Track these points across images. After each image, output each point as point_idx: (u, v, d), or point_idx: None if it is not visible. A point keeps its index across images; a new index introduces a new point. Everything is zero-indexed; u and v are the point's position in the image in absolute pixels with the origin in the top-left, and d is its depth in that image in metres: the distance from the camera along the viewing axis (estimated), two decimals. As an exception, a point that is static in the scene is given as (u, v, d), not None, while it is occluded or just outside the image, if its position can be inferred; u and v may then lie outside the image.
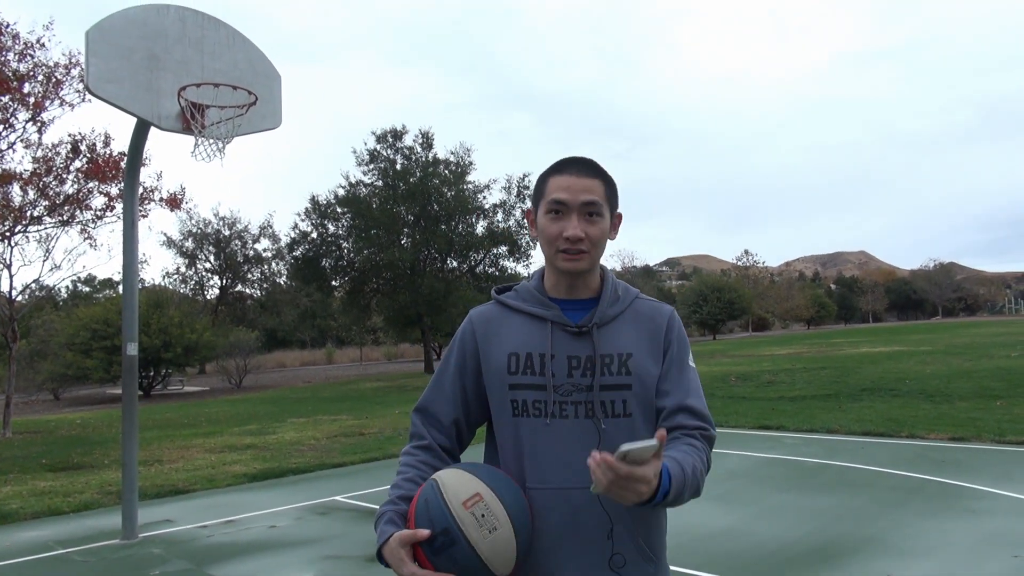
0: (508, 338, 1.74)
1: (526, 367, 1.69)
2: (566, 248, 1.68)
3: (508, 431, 1.71)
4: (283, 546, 6.08)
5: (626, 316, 1.76)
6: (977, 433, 9.79)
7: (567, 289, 1.76)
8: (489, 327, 1.77)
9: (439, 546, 1.51)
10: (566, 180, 1.69)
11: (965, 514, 6.05)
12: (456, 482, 1.57)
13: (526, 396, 1.68)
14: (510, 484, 1.61)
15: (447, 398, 1.78)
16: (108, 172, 12.46)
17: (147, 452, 11.39)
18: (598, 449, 1.52)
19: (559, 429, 1.66)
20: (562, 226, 1.68)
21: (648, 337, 1.75)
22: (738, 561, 5.17)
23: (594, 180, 1.71)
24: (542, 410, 1.67)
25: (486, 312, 1.81)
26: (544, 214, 1.72)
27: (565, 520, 1.62)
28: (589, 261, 1.71)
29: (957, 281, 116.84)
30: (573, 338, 1.71)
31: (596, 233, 1.70)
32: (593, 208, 1.68)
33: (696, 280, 75.68)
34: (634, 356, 1.70)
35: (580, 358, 1.69)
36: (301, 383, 29.98)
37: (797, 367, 22.18)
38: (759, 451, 9.46)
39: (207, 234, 42.56)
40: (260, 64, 6.50)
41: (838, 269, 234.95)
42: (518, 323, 1.75)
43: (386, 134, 30.19)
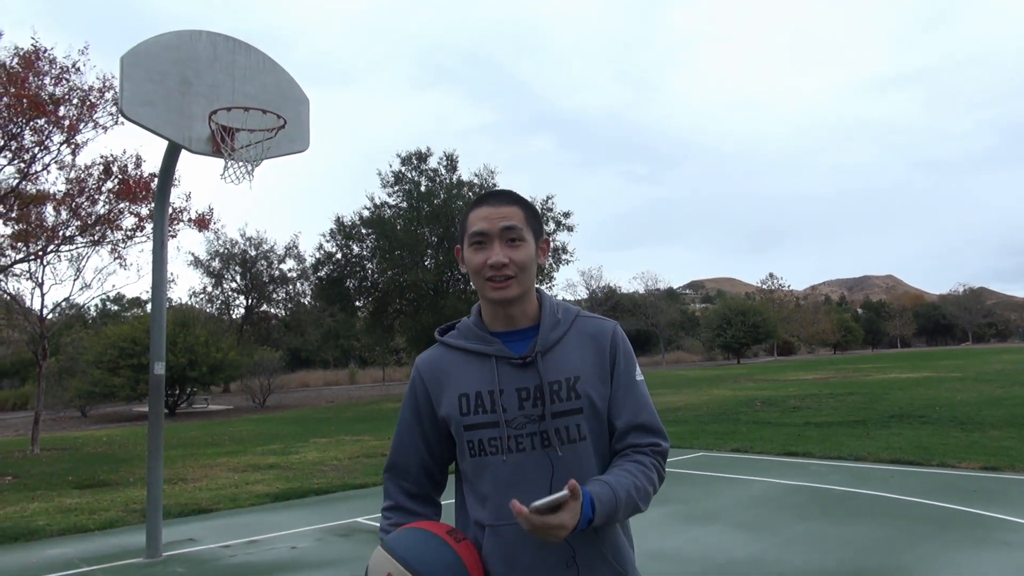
0: (456, 380, 1.75)
1: (477, 406, 1.71)
2: (492, 276, 1.70)
3: (470, 470, 1.75)
4: (304, 567, 6.07)
5: (569, 338, 1.77)
6: (1010, 463, 9.55)
7: (505, 320, 1.77)
8: (436, 372, 1.79)
9: None
10: (484, 211, 1.73)
11: (1000, 547, 5.89)
12: (374, 565, 1.69)
13: (481, 435, 1.71)
14: (432, 548, 1.65)
15: (409, 449, 1.83)
16: (139, 193, 12.71)
17: (171, 470, 11.46)
18: (553, 478, 1.66)
19: (517, 464, 1.69)
20: (485, 255, 1.71)
21: (593, 356, 1.77)
22: (764, 591, 5.06)
23: (512, 207, 1.75)
24: (498, 447, 1.69)
25: (430, 358, 1.83)
26: (468, 247, 1.76)
27: (532, 553, 1.65)
28: (518, 286, 1.73)
29: (987, 306, 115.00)
30: (518, 370, 1.72)
31: (520, 257, 1.72)
32: (513, 233, 1.72)
33: (720, 303, 75.14)
34: (581, 378, 1.73)
35: (529, 389, 1.71)
36: (324, 403, 30.08)
37: (824, 392, 21.87)
38: (785, 478, 9.30)
39: (233, 254, 43.09)
40: (289, 88, 6.62)
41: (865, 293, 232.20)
42: (463, 363, 1.76)
43: (411, 156, 30.49)
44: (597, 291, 63.09)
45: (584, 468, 1.71)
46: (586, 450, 1.72)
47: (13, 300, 15.90)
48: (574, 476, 1.64)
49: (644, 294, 68.38)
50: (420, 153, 30.54)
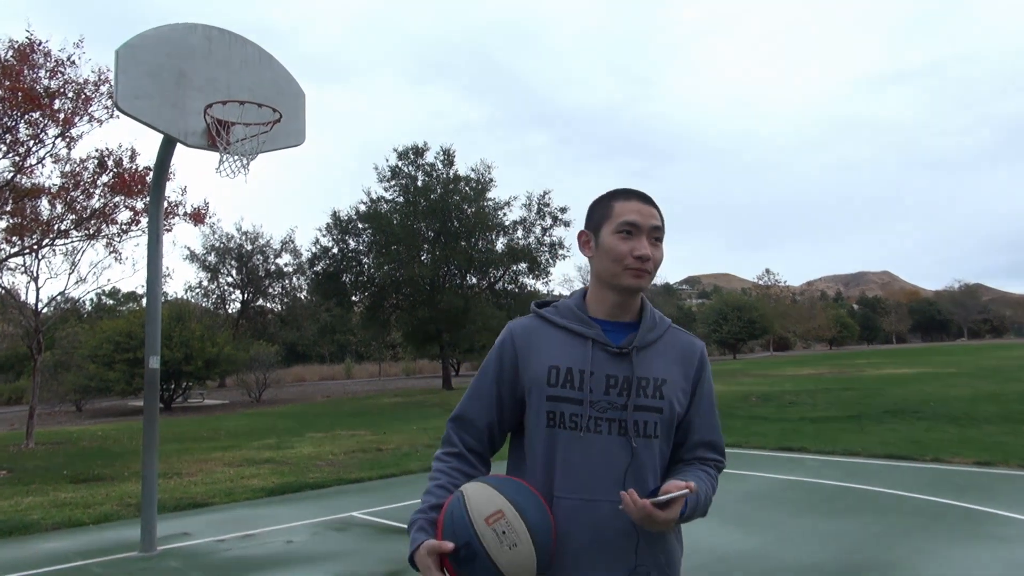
0: (549, 351, 1.82)
1: (566, 381, 1.77)
2: (635, 266, 1.78)
3: (541, 441, 1.78)
4: (300, 561, 6.09)
5: (662, 344, 1.87)
6: (1004, 458, 9.61)
7: (610, 311, 1.86)
8: (530, 339, 1.85)
9: (462, 558, 1.60)
10: (636, 205, 1.83)
11: (991, 541, 5.92)
12: (480, 498, 1.64)
13: (563, 408, 1.76)
14: (535, 501, 1.68)
15: (483, 403, 1.87)
16: (134, 187, 12.67)
17: (167, 465, 11.46)
18: (629, 466, 1.74)
19: (592, 443, 1.75)
20: (632, 245, 1.79)
21: (680, 368, 1.87)
22: (758, 585, 5.09)
23: (656, 209, 1.86)
24: (578, 423, 1.75)
25: (527, 324, 1.89)
26: (613, 234, 1.82)
27: (591, 530, 1.70)
28: (649, 281, 1.83)
29: (983, 302, 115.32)
30: (612, 358, 1.80)
31: (658, 257, 1.84)
32: (658, 234, 1.85)
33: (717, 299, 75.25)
34: (668, 383, 1.82)
35: (618, 378, 1.78)
36: (320, 398, 30.08)
37: (819, 388, 21.92)
38: (780, 473, 9.34)
39: (229, 248, 42.98)
40: (285, 82, 6.60)
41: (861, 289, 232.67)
42: (559, 338, 1.83)
43: (408, 151, 30.42)
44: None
45: (652, 463, 1.79)
46: (656, 447, 1.80)
47: (8, 294, 15.86)
48: (644, 468, 1.77)
49: (640, 289, 68.32)
50: (417, 148, 30.47)
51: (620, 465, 1.74)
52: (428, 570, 1.62)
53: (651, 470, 1.77)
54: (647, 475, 1.76)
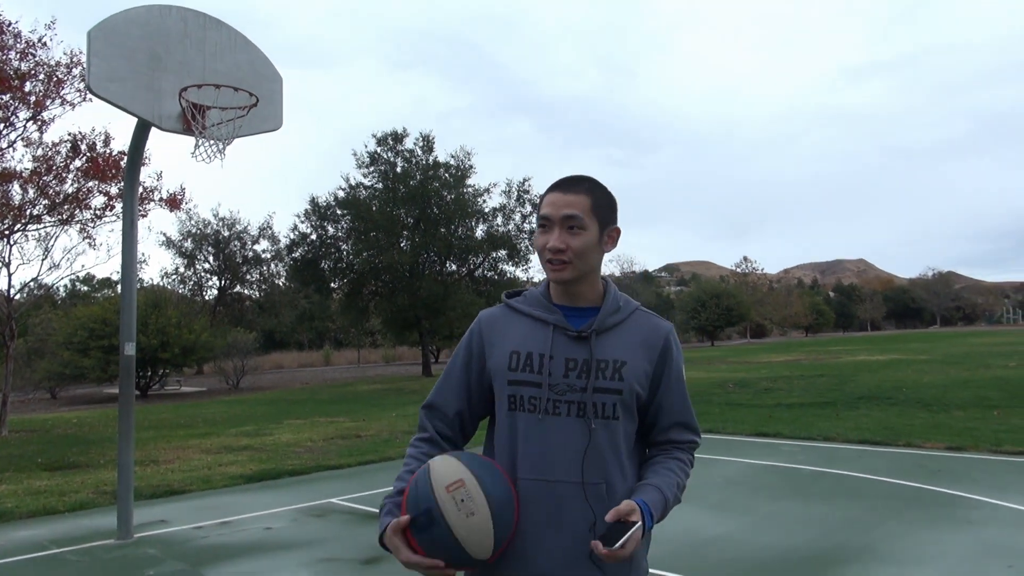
0: (512, 337, 1.87)
1: (525, 365, 1.82)
2: (550, 259, 1.81)
3: (504, 424, 1.83)
4: (278, 548, 6.07)
5: (626, 327, 1.89)
6: (974, 443, 9.79)
7: (568, 297, 1.89)
8: (495, 327, 1.91)
9: (420, 525, 1.64)
10: (551, 197, 1.84)
11: (962, 524, 6.05)
12: (443, 468, 1.69)
13: (523, 392, 1.81)
14: (497, 475, 1.72)
15: (453, 391, 1.92)
16: (108, 171, 12.46)
17: (143, 452, 11.36)
18: (587, 448, 1.76)
19: (551, 425, 1.78)
20: (546, 239, 1.82)
21: (644, 350, 1.88)
22: (736, 569, 5.16)
23: (579, 196, 1.83)
24: (537, 406, 1.79)
25: (494, 313, 1.96)
26: (536, 228, 1.88)
27: (550, 511, 1.74)
28: (572, 271, 1.82)
29: (956, 290, 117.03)
30: (573, 342, 1.83)
31: (577, 245, 1.81)
32: (574, 222, 1.81)
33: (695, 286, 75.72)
34: (628, 365, 1.83)
35: (577, 361, 1.81)
36: (298, 385, 29.94)
37: (795, 374, 22.17)
38: (757, 458, 9.45)
39: (206, 235, 42.56)
40: (262, 66, 6.51)
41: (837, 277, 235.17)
42: (523, 325, 1.88)
43: (387, 137, 30.21)
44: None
45: (612, 445, 1.81)
46: (616, 430, 1.82)
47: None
48: (603, 450, 1.78)
49: (620, 276, 68.69)
50: (396, 134, 30.26)
51: (578, 447, 1.76)
52: (397, 550, 1.66)
53: (612, 451, 1.79)
54: (608, 456, 1.79)
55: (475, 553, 1.65)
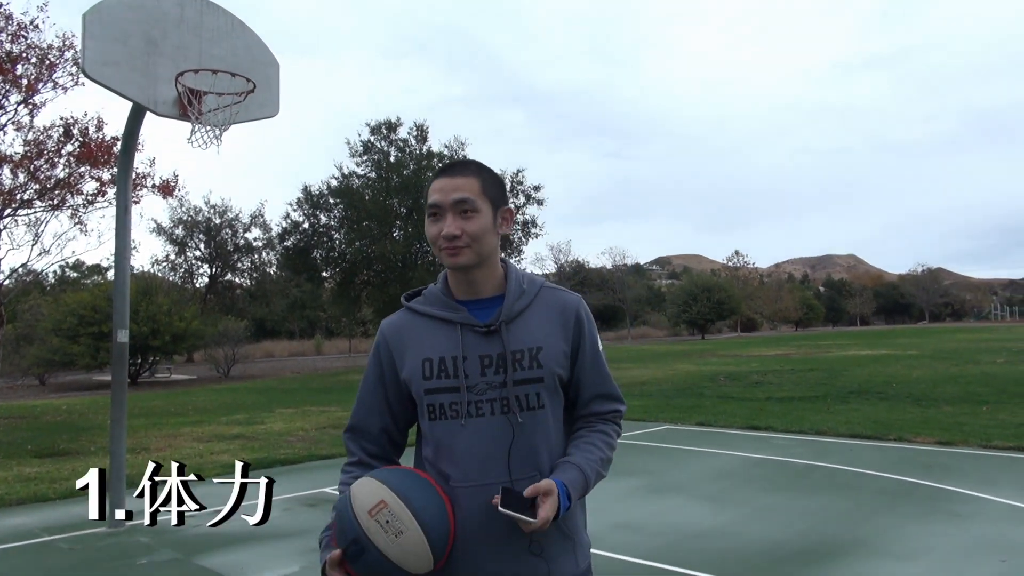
0: (419, 344, 1.79)
1: (440, 371, 1.75)
2: (445, 246, 1.74)
3: (428, 434, 1.79)
4: (272, 537, 6.05)
5: (533, 308, 1.82)
6: (964, 438, 9.85)
7: (469, 288, 1.82)
8: (401, 336, 1.83)
9: (352, 555, 1.60)
10: (439, 183, 1.77)
11: (952, 518, 6.09)
12: (362, 492, 1.64)
13: (442, 399, 1.75)
14: (421, 485, 1.68)
15: (371, 411, 1.86)
16: (100, 157, 12.37)
17: (134, 440, 11.31)
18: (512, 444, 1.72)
19: (476, 428, 1.73)
20: (440, 226, 1.75)
21: (558, 328, 1.82)
22: (730, 560, 5.18)
23: (467, 179, 1.78)
24: (458, 411, 1.74)
25: (396, 322, 1.87)
26: (427, 218, 1.81)
27: (485, 513, 1.68)
28: (471, 255, 1.76)
29: (944, 286, 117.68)
30: (483, 338, 1.77)
31: (473, 228, 1.75)
32: (465, 205, 1.75)
33: (686, 279, 75.83)
34: (544, 349, 1.78)
35: (491, 356, 1.75)
36: (289, 373, 29.86)
37: (785, 368, 22.28)
38: (748, 451, 9.49)
39: (197, 222, 42.30)
40: (259, 51, 6.45)
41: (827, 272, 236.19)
42: (429, 328, 1.81)
43: (380, 126, 30.08)
44: (565, 265, 63.21)
45: (541, 434, 1.77)
46: (544, 417, 1.78)
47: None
48: (532, 442, 1.74)
49: (612, 269, 68.77)
50: (390, 123, 30.13)
51: (506, 445, 1.73)
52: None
53: (543, 440, 1.76)
54: (539, 447, 1.75)
55: (416, 569, 1.61)
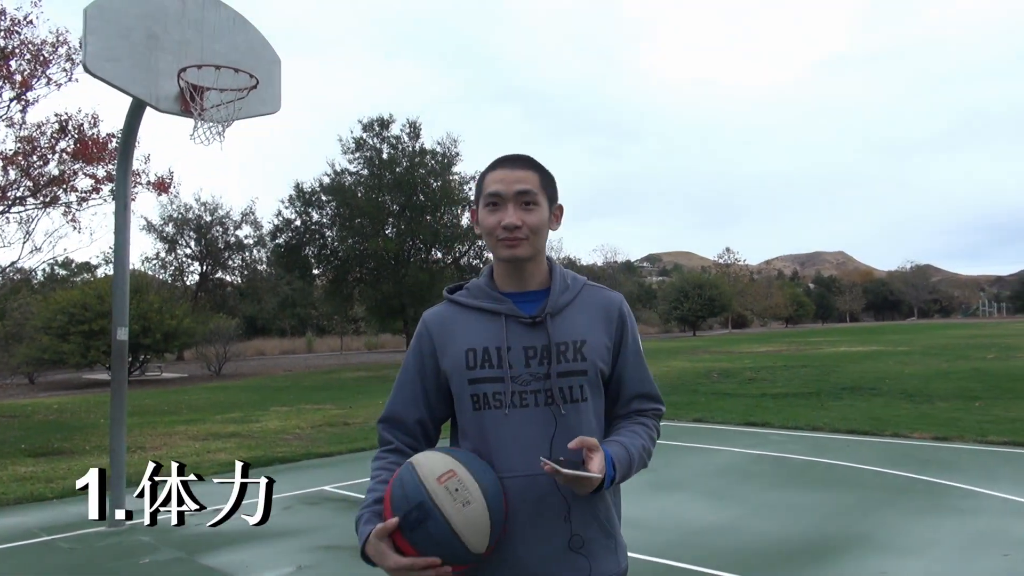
0: (464, 335, 1.79)
1: (484, 361, 1.75)
2: (504, 237, 1.74)
3: (471, 425, 1.77)
4: (273, 536, 6.02)
5: (577, 304, 1.84)
6: (959, 433, 9.92)
7: (515, 281, 1.82)
8: (444, 327, 1.83)
9: (414, 521, 1.55)
10: (500, 174, 1.77)
11: (953, 513, 6.12)
12: (430, 460, 1.63)
13: (486, 389, 1.74)
14: (484, 465, 1.68)
15: (409, 401, 1.85)
16: (95, 153, 12.25)
17: (129, 439, 11.14)
18: (554, 435, 1.71)
19: (519, 418, 1.73)
20: (499, 216, 1.75)
21: (601, 324, 1.84)
22: (735, 557, 5.19)
23: (527, 172, 1.78)
24: (502, 401, 1.73)
25: (440, 312, 1.87)
26: (483, 208, 1.80)
27: (529, 506, 1.69)
28: (529, 248, 1.77)
29: (933, 283, 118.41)
30: (528, 329, 1.77)
31: (533, 221, 1.76)
32: (528, 197, 1.76)
33: (677, 276, 76.07)
34: (588, 343, 1.79)
35: (536, 348, 1.76)
36: (281, 371, 29.76)
37: (778, 364, 22.37)
38: (746, 447, 9.52)
39: (188, 219, 42.05)
40: (261, 47, 6.40)
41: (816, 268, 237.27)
42: (473, 320, 1.81)
43: (373, 123, 29.98)
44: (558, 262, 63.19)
45: (584, 427, 1.77)
46: (586, 410, 1.78)
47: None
48: (575, 434, 1.72)
49: (603, 266, 68.85)
50: (382, 120, 30.03)
51: (548, 435, 1.72)
52: (382, 556, 1.58)
53: (586, 433, 1.75)
54: None
55: (472, 546, 1.58)
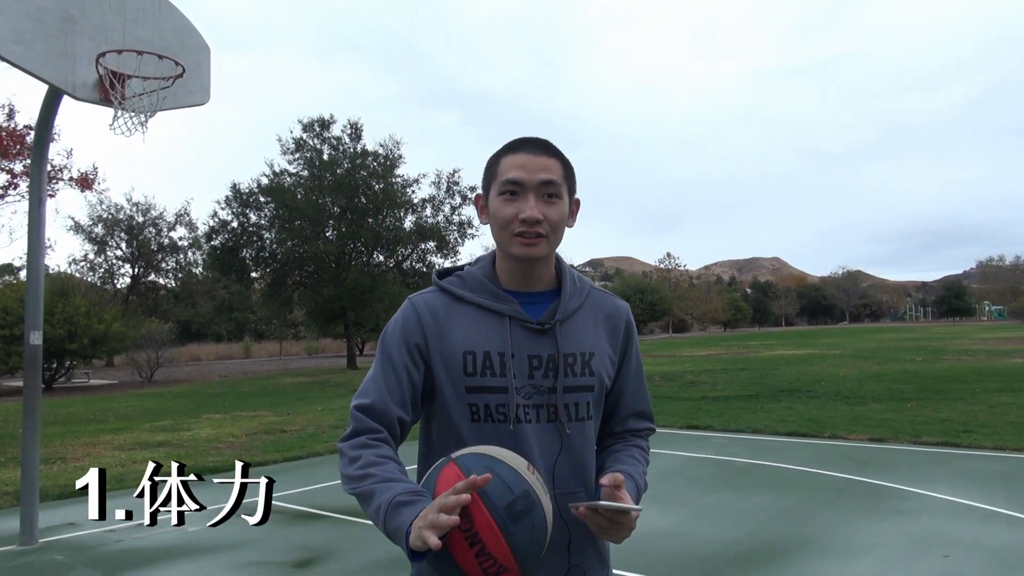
0: (462, 333, 1.56)
1: (485, 367, 1.53)
2: (522, 231, 1.52)
3: (467, 437, 1.53)
4: (200, 552, 5.69)
5: (585, 311, 1.64)
6: (894, 434, 10.12)
7: (522, 280, 1.61)
8: (438, 318, 1.58)
9: (520, 510, 1.31)
10: (522, 158, 1.54)
11: (893, 515, 6.17)
12: (506, 454, 1.39)
13: (487, 400, 1.53)
14: None
15: (393, 393, 1.55)
16: (11, 147, 11.59)
17: (49, 449, 10.63)
18: (559, 456, 1.54)
19: (522, 435, 1.53)
20: (518, 207, 1.53)
21: (607, 335, 1.65)
22: (679, 563, 5.11)
23: (552, 160, 1.57)
24: (506, 414, 1.52)
25: (432, 301, 1.61)
26: (497, 196, 1.56)
27: None
28: (547, 247, 1.56)
29: (863, 288, 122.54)
30: (533, 336, 1.56)
31: (555, 216, 1.55)
32: (551, 188, 1.55)
33: (619, 281, 76.85)
34: (596, 355, 1.60)
35: (541, 357, 1.56)
36: (217, 377, 28.87)
37: (717, 368, 22.69)
38: (689, 451, 9.52)
39: (119, 220, 40.56)
40: (188, 35, 6.06)
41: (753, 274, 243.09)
42: (471, 316, 1.58)
43: (313, 123, 29.39)
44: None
45: (587, 449, 1.62)
46: (590, 429, 1.62)
47: None
48: (581, 455, 1.59)
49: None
50: (323, 120, 29.46)
51: (552, 456, 1.54)
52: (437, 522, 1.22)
53: (589, 454, 1.60)
54: (586, 461, 1.59)
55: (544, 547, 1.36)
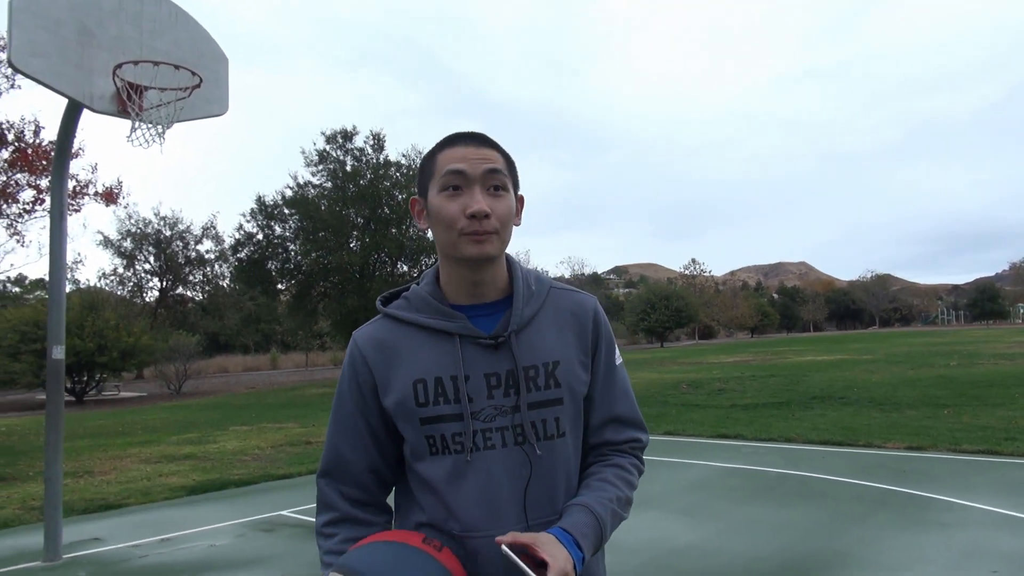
0: (408, 362, 1.43)
1: (437, 395, 1.41)
2: (472, 230, 1.38)
3: (427, 471, 1.43)
4: (224, 566, 5.62)
5: (545, 314, 1.48)
6: (932, 442, 9.80)
7: (472, 291, 1.46)
8: (383, 350, 1.46)
9: None
10: (461, 151, 1.41)
11: (935, 527, 5.92)
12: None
13: (443, 430, 1.41)
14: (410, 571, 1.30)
15: (352, 446, 1.48)
16: (38, 163, 11.69)
17: (76, 463, 10.67)
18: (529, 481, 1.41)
19: (485, 463, 1.41)
20: (463, 203, 1.39)
21: (574, 337, 1.49)
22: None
23: (493, 151, 1.43)
24: (463, 444, 1.40)
25: (374, 333, 1.48)
26: (439, 193, 1.41)
27: (500, 567, 1.34)
28: (498, 244, 1.41)
29: (893, 292, 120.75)
30: (487, 352, 1.43)
31: (503, 210, 1.41)
32: (497, 179, 1.41)
33: (643, 288, 76.34)
34: (562, 363, 1.44)
35: (499, 375, 1.42)
36: (244, 389, 29.02)
37: (746, 375, 22.31)
38: (719, 460, 9.29)
39: (147, 234, 41.11)
40: (205, 44, 6.04)
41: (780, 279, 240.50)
42: (418, 341, 1.45)
43: (336, 135, 29.58)
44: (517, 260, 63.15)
45: (562, 469, 1.45)
46: (564, 448, 1.45)
47: None
48: (552, 478, 1.43)
49: (571, 278, 68.81)
50: (346, 132, 29.64)
51: (522, 483, 1.41)
52: None
53: (563, 476, 1.45)
54: (558, 484, 1.44)
55: None
